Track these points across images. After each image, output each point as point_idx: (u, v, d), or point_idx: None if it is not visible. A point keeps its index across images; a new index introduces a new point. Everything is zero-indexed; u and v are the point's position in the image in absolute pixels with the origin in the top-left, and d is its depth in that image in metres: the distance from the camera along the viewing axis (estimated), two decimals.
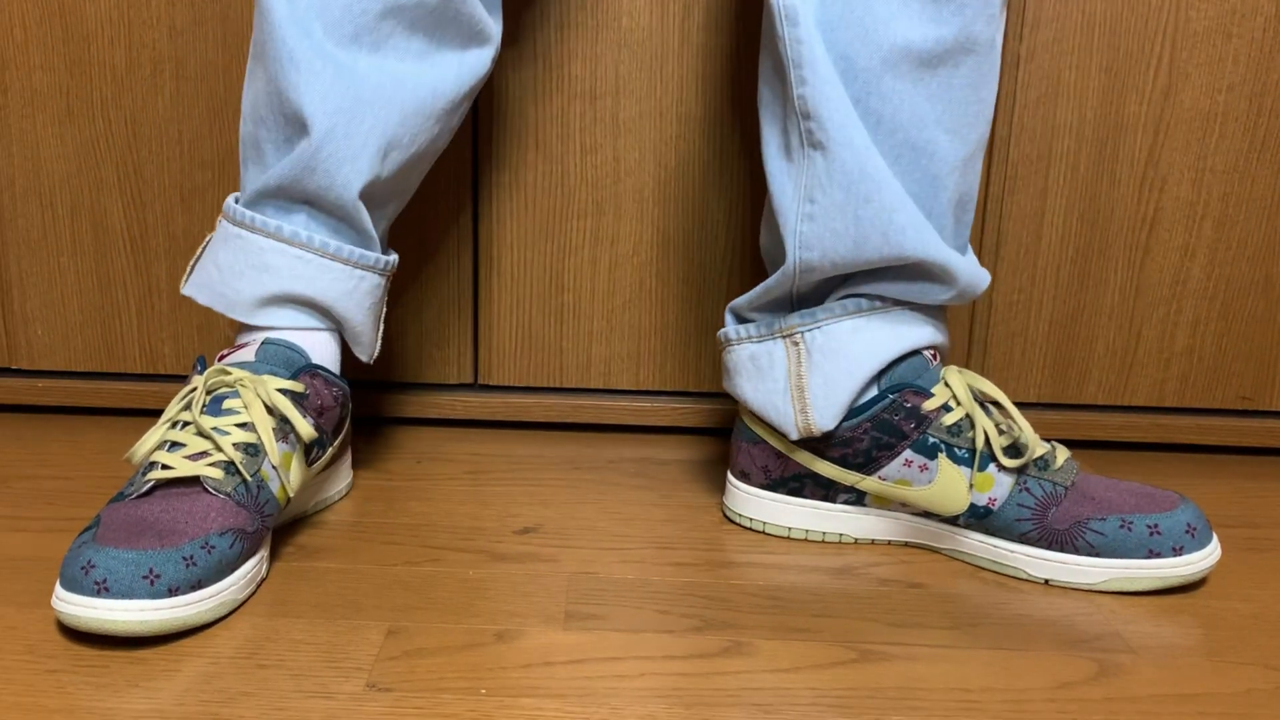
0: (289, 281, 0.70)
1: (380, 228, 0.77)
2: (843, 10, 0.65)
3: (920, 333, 0.71)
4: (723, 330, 0.76)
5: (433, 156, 0.76)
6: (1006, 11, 0.68)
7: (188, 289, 0.73)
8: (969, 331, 0.91)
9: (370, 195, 0.72)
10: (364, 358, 0.76)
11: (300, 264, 0.70)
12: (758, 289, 0.73)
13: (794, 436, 0.71)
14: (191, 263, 0.74)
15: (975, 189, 0.71)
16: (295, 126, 0.69)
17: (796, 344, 0.71)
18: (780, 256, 0.73)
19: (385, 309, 0.78)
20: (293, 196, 0.70)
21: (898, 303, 0.70)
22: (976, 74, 0.66)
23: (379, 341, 0.77)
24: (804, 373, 0.70)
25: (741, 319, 0.76)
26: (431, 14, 0.70)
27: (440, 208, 0.90)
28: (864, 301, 0.70)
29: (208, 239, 0.73)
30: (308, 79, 0.67)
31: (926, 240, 0.67)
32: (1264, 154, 0.87)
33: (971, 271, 0.70)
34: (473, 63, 0.73)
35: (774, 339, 0.72)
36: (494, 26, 0.74)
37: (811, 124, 0.67)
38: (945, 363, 0.73)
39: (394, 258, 0.76)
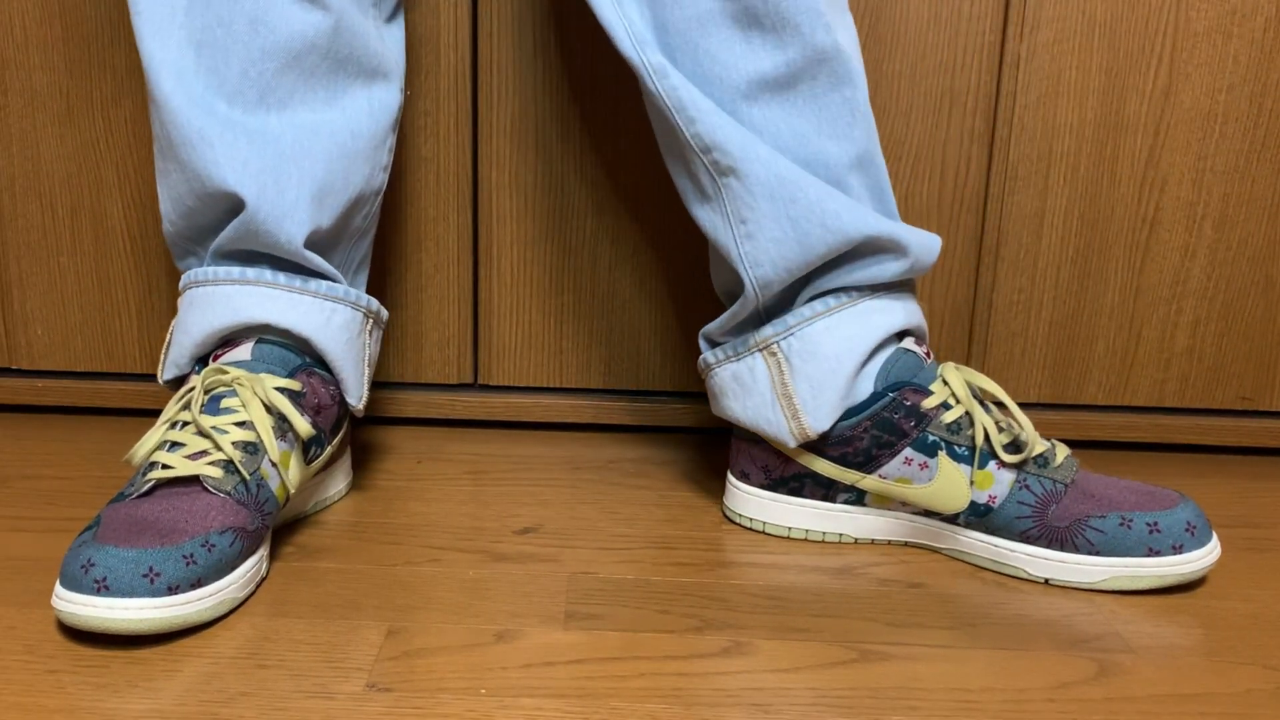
0: (260, 315, 0.69)
1: (351, 274, 0.77)
2: (691, 66, 0.67)
3: (892, 317, 0.71)
4: (701, 357, 0.76)
5: (373, 196, 0.76)
6: (849, 13, 0.70)
7: (166, 375, 0.72)
8: (969, 331, 0.91)
9: (316, 244, 0.72)
10: (352, 401, 0.74)
11: (269, 300, 0.69)
12: (725, 316, 0.74)
13: (792, 444, 0.71)
14: (163, 351, 0.73)
15: (885, 177, 0.72)
16: (226, 201, 0.69)
17: (774, 354, 0.71)
18: (739, 288, 0.74)
19: (371, 352, 0.76)
20: (247, 257, 0.71)
21: (862, 291, 0.71)
22: (835, 78, 0.67)
23: (366, 388, 0.75)
24: (789, 381, 0.70)
25: (715, 343, 0.76)
26: (326, 57, 0.70)
27: (440, 208, 0.90)
28: (830, 299, 0.70)
29: (172, 325, 0.73)
30: (224, 153, 0.67)
31: (864, 217, 0.68)
32: (1264, 154, 0.87)
33: (918, 236, 0.71)
34: (382, 98, 0.74)
35: (752, 354, 0.73)
36: (391, 62, 0.75)
37: (715, 154, 0.68)
38: (925, 342, 0.74)
39: (375, 302, 0.75)
